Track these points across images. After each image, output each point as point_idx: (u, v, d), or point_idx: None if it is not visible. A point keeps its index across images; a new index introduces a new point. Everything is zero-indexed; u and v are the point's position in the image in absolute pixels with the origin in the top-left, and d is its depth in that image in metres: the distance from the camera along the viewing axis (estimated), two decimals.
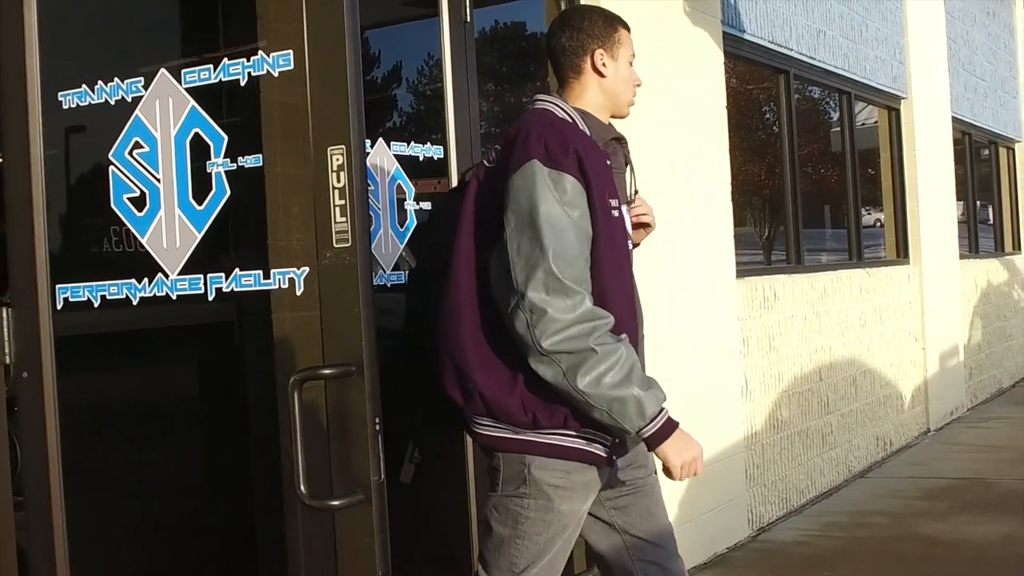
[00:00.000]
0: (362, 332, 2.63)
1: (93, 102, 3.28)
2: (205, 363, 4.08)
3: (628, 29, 3.26)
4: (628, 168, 3.29)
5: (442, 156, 4.57)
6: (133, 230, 3.21)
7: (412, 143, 4.43)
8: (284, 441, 3.79)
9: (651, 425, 2.89)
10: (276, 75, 2.97)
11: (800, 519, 7.16)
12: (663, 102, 5.94)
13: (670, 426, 2.93)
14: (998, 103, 13.64)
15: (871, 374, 8.86)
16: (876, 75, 9.43)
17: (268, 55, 2.98)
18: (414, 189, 4.43)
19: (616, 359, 2.85)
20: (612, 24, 3.20)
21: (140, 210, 3.19)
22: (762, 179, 8.51)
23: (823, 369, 7.99)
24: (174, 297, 3.16)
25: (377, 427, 2.65)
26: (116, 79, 3.23)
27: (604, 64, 3.16)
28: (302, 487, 2.62)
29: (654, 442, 2.92)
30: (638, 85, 3.26)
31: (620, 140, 3.25)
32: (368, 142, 4.09)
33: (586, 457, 2.99)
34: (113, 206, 3.23)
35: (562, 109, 3.10)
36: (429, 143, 4.51)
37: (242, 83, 3.06)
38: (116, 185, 3.22)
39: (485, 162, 3.07)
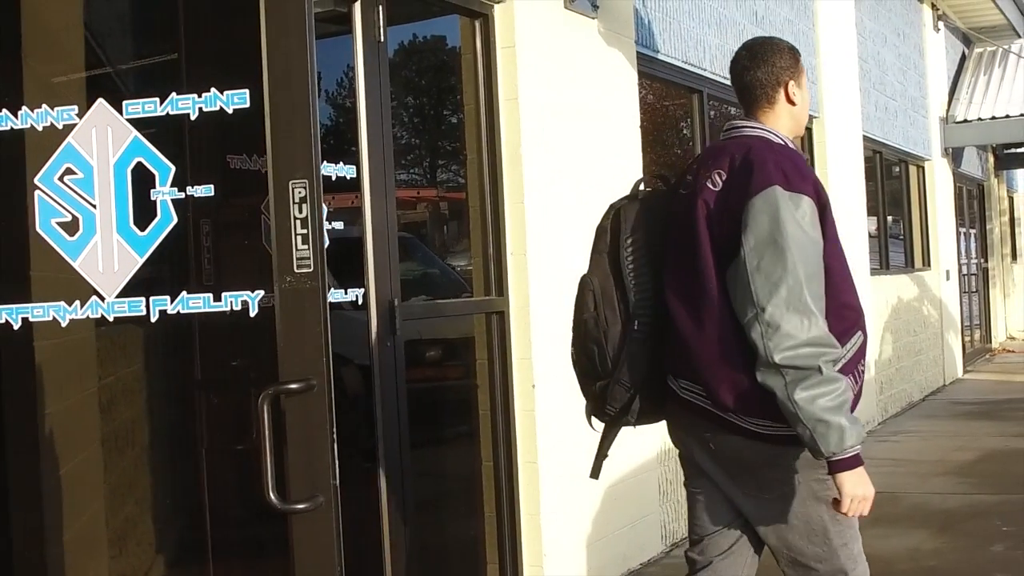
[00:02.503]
0: (322, 349, 2.86)
1: (15, 127, 3.30)
2: None
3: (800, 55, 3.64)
4: None
5: (355, 176, 4.56)
6: (63, 254, 3.25)
7: (324, 163, 4.42)
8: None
9: (843, 454, 3.15)
10: (231, 112, 3.15)
11: None
12: (577, 120, 5.98)
13: (857, 461, 3.18)
14: (908, 122, 13.90)
15: None
16: None
17: (222, 93, 3.16)
18: (327, 209, 4.41)
19: (835, 387, 3.14)
20: (795, 55, 3.57)
21: (72, 234, 3.24)
22: None
23: None
24: (111, 319, 3.28)
25: (334, 435, 2.88)
26: (44, 105, 3.26)
27: (794, 93, 3.51)
28: (272, 494, 2.82)
29: (837, 469, 3.17)
30: None
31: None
32: None
33: None
34: (39, 230, 3.25)
35: (775, 135, 3.45)
36: (341, 163, 4.50)
37: (192, 117, 3.20)
38: (43, 209, 3.25)
39: (709, 185, 3.34)
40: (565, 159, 5.85)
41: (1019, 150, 19.55)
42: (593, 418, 3.70)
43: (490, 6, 5.47)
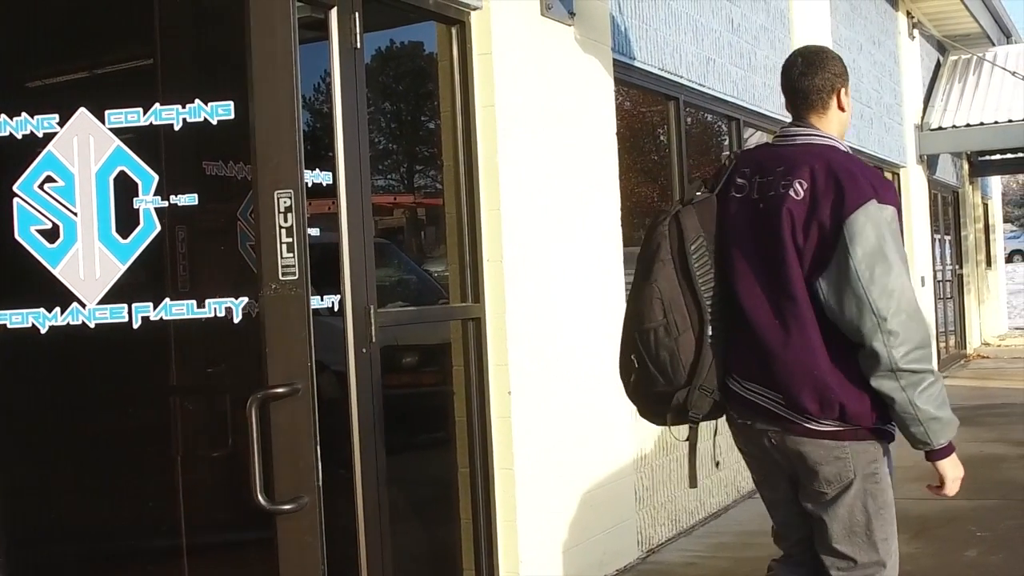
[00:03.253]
0: (307, 354, 2.99)
1: None
2: None
3: None
4: None
5: (331, 182, 4.56)
6: (43, 261, 3.26)
7: None
8: None
9: (945, 444, 3.46)
10: (215, 123, 3.23)
11: (689, 540, 7.25)
12: (554, 127, 5.99)
13: (952, 447, 3.51)
14: (883, 129, 13.96)
15: None
16: (765, 102, 9.60)
17: (206, 104, 3.22)
18: None
19: (941, 385, 3.43)
20: (844, 64, 3.75)
21: (52, 242, 3.24)
22: (655, 201, 8.61)
23: None
24: (92, 326, 3.29)
25: (317, 437, 3.01)
26: (24, 114, 3.28)
27: (844, 100, 3.68)
28: (260, 495, 2.93)
29: (938, 457, 3.50)
30: None
31: None
32: None
33: (890, 436, 3.58)
34: (18, 237, 3.26)
35: (838, 142, 3.61)
36: (317, 169, 4.50)
37: (176, 128, 3.26)
38: (22, 217, 3.26)
39: (792, 194, 3.42)
40: (542, 166, 5.86)
41: (993, 157, 19.69)
42: (674, 428, 3.77)
43: (467, 13, 5.48)
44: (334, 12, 4.58)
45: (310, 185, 4.41)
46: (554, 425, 5.84)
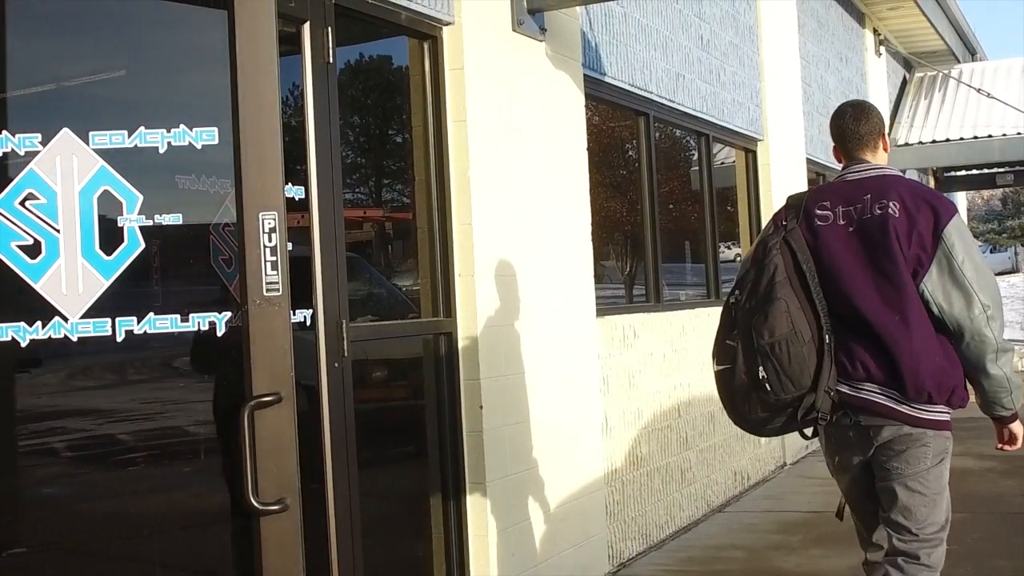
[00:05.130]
0: (289, 364, 3.14)
1: None
2: None
3: None
4: None
5: (303, 196, 4.56)
6: (24, 276, 3.29)
7: None
8: None
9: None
10: (199, 147, 3.39)
11: (659, 554, 7.26)
12: (525, 142, 6.01)
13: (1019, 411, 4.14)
14: None
15: None
16: (733, 118, 9.67)
17: (191, 129, 3.38)
18: None
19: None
20: (881, 113, 4.40)
21: (33, 257, 3.33)
22: (624, 215, 8.63)
23: (682, 406, 8.12)
24: (75, 339, 3.38)
25: (297, 442, 3.17)
26: (4, 132, 3.32)
27: (887, 139, 4.38)
28: (251, 497, 3.11)
29: (1014, 419, 4.13)
30: None
31: None
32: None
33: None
34: None
35: (898, 171, 4.23)
36: (290, 184, 4.50)
37: (160, 151, 3.39)
38: (2, 233, 3.30)
39: (892, 213, 4.00)
40: (513, 181, 5.88)
41: (959, 173, 19.85)
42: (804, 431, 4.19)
43: (439, 28, 5.50)
44: (306, 27, 4.59)
45: None
46: (525, 440, 5.85)
